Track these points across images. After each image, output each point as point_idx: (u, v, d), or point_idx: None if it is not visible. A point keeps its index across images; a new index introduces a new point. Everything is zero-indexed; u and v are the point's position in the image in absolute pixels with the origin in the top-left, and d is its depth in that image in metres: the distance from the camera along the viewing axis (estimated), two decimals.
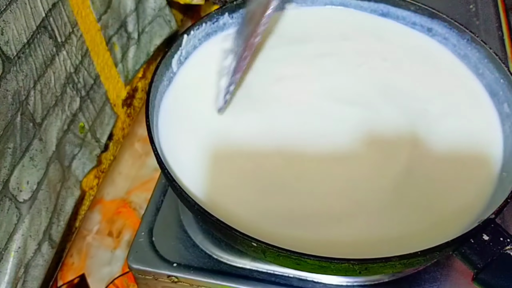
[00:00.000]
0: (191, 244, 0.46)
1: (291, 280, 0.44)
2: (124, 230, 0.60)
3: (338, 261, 0.32)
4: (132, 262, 0.45)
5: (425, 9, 0.49)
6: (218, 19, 0.49)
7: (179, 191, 0.36)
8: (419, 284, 0.44)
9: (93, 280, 0.56)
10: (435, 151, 0.41)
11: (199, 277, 0.44)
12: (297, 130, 0.42)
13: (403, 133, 0.42)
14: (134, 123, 0.66)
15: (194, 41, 0.47)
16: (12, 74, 0.40)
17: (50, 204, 0.46)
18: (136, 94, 0.64)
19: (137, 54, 0.61)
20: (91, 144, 0.54)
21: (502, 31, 0.64)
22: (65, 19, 0.47)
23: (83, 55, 0.50)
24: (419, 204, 0.38)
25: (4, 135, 0.40)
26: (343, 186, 0.39)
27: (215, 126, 0.43)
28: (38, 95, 0.44)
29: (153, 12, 0.62)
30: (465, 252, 0.34)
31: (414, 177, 0.40)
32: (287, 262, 0.33)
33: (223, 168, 0.40)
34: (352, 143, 0.41)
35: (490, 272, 0.33)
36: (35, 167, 0.44)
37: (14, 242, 0.43)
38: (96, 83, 0.54)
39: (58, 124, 0.48)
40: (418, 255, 0.32)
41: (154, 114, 0.41)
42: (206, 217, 0.34)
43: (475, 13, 0.66)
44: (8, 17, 0.39)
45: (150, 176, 0.64)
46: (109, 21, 0.54)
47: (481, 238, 0.33)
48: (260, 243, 0.33)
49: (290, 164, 0.40)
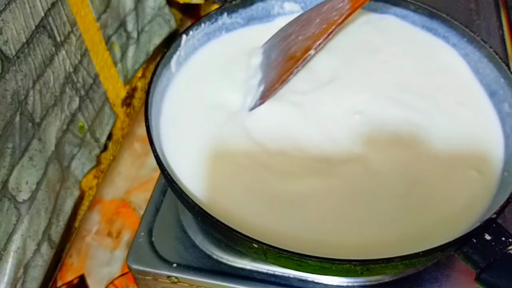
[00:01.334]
0: (190, 245, 0.46)
1: (291, 281, 0.44)
2: (124, 231, 0.60)
3: (339, 262, 0.32)
4: (132, 263, 0.45)
5: (425, 9, 0.49)
6: (217, 19, 0.49)
7: (179, 193, 0.36)
8: (420, 284, 0.43)
9: (92, 280, 0.56)
10: (435, 151, 0.41)
11: (199, 277, 0.44)
12: (298, 130, 0.42)
13: (403, 133, 0.42)
14: (133, 123, 0.65)
15: (193, 41, 0.47)
16: (11, 73, 0.40)
17: (49, 204, 0.46)
18: (135, 93, 0.64)
19: (137, 53, 0.61)
20: (91, 144, 0.54)
21: (502, 30, 0.64)
22: (64, 19, 0.46)
23: (82, 55, 0.50)
24: (420, 205, 0.38)
25: (3, 135, 0.40)
26: (344, 186, 0.39)
27: (215, 126, 0.42)
28: (37, 95, 0.44)
29: (153, 11, 0.62)
30: (467, 252, 0.34)
31: (415, 178, 0.39)
32: (288, 263, 0.33)
33: (223, 169, 0.40)
34: (351, 144, 0.41)
35: (492, 272, 0.32)
36: (34, 167, 0.44)
37: (13, 242, 0.43)
38: (96, 82, 0.53)
39: (57, 124, 0.47)
40: (420, 255, 0.32)
41: (154, 115, 0.41)
42: (207, 219, 0.34)
43: (475, 11, 0.66)
44: (7, 17, 0.39)
45: (149, 176, 0.64)
46: (108, 21, 0.54)
47: (483, 238, 0.33)
48: (261, 244, 0.32)
49: (291, 165, 0.40)
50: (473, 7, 0.67)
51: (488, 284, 0.33)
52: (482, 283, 0.33)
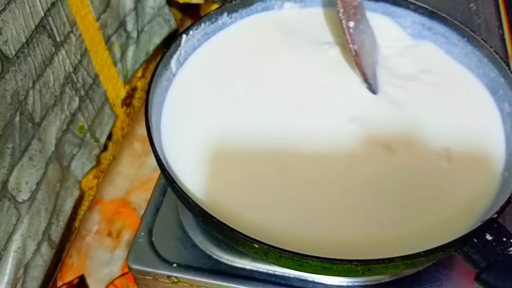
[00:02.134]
0: (191, 244, 0.46)
1: (292, 281, 0.44)
2: (124, 230, 0.60)
3: (340, 262, 0.32)
4: (132, 263, 0.45)
5: (425, 9, 0.49)
6: (217, 19, 0.48)
7: (180, 193, 0.35)
8: (420, 283, 0.43)
9: (92, 280, 0.56)
10: (436, 151, 0.41)
11: (199, 277, 0.44)
12: (299, 130, 0.42)
13: (404, 133, 0.42)
14: (133, 123, 0.65)
15: (193, 41, 0.47)
16: (11, 74, 0.40)
17: (49, 204, 0.46)
18: (135, 93, 0.64)
19: (137, 53, 0.61)
20: (90, 144, 0.54)
21: (503, 29, 0.64)
22: (64, 19, 0.46)
23: (82, 55, 0.50)
24: (421, 205, 0.38)
25: (3, 135, 0.40)
26: (344, 186, 0.39)
27: (215, 126, 0.42)
28: (37, 95, 0.44)
29: (152, 11, 0.62)
30: (468, 251, 0.34)
31: (415, 177, 0.39)
32: (289, 263, 0.33)
33: (224, 168, 0.40)
34: (351, 142, 0.41)
35: (492, 272, 0.32)
36: (34, 167, 0.44)
37: (13, 242, 0.43)
38: (95, 82, 0.53)
39: (57, 124, 0.47)
40: (421, 255, 0.32)
41: (154, 116, 0.41)
42: (208, 219, 0.34)
43: (475, 11, 0.66)
44: (7, 17, 0.39)
45: (149, 176, 0.64)
46: (108, 20, 0.54)
47: (484, 238, 0.33)
48: (262, 244, 0.32)
49: (291, 164, 0.40)
50: (473, 7, 0.67)
51: (487, 284, 0.33)
52: (481, 283, 0.33)
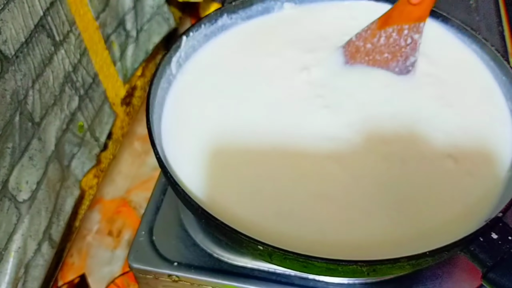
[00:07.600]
0: (191, 243, 0.46)
1: (292, 279, 0.44)
2: (124, 230, 0.60)
3: (346, 263, 0.31)
4: (133, 262, 0.45)
5: None
6: (217, 20, 0.48)
7: (182, 195, 0.35)
8: (422, 281, 0.43)
9: (93, 279, 0.56)
10: (442, 149, 0.40)
11: (200, 276, 0.44)
12: (299, 129, 0.42)
13: (409, 130, 0.42)
14: (133, 122, 0.65)
15: (193, 42, 0.47)
16: (10, 73, 0.40)
17: (49, 203, 0.46)
18: (135, 92, 0.64)
19: (136, 52, 0.61)
20: (90, 143, 0.54)
21: (502, 26, 0.64)
22: (63, 18, 0.46)
23: (82, 54, 0.50)
24: (426, 204, 0.38)
25: (3, 135, 0.40)
26: (346, 186, 0.39)
27: (215, 126, 0.42)
28: (37, 94, 0.44)
29: (152, 10, 0.62)
30: (474, 250, 0.33)
31: (420, 176, 0.39)
32: (293, 264, 0.33)
33: (225, 168, 0.40)
34: (354, 142, 0.41)
35: (499, 270, 0.32)
36: (34, 166, 0.44)
37: (14, 242, 0.43)
38: (95, 82, 0.53)
39: (57, 124, 0.47)
40: (426, 255, 0.32)
41: (155, 117, 0.41)
42: (210, 221, 0.34)
43: (475, 8, 0.66)
44: (6, 16, 0.39)
45: (149, 175, 0.64)
46: (107, 19, 0.54)
47: (490, 237, 0.33)
48: (266, 246, 0.32)
49: (292, 164, 0.40)
50: (472, 4, 0.66)
51: (495, 283, 0.33)
52: (489, 282, 0.33)
